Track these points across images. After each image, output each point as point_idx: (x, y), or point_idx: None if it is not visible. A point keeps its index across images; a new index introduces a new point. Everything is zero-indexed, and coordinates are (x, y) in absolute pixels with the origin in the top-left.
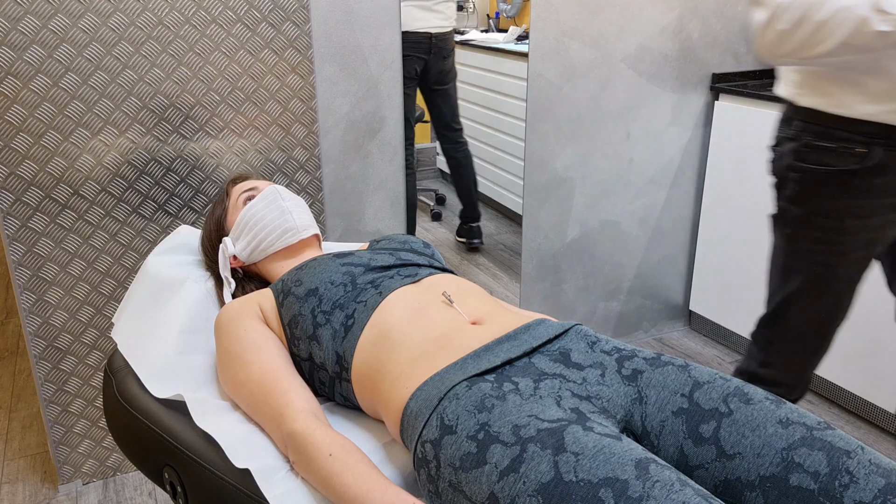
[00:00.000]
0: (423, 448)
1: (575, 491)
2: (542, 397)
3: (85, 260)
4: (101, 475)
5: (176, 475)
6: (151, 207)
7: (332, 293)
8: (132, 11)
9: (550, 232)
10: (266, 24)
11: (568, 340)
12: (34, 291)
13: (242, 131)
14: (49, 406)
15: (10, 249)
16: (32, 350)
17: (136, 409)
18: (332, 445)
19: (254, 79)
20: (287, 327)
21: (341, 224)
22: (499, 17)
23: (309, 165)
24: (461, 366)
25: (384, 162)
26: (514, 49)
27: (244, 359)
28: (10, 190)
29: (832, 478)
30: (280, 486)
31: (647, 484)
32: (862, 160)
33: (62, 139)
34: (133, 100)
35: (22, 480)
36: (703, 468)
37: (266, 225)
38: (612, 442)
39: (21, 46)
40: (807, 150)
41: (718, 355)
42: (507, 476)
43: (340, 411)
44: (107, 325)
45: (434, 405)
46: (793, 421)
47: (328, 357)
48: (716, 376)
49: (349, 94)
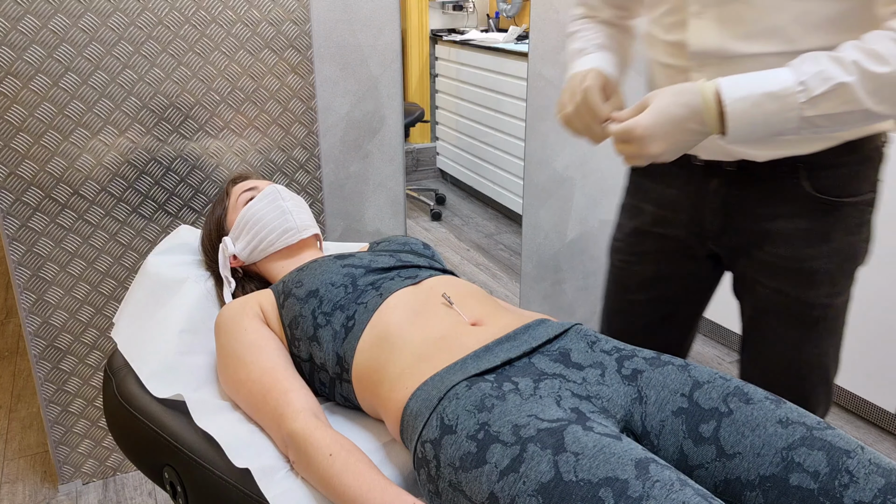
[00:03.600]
0: (423, 448)
1: (575, 491)
2: (541, 397)
3: (85, 260)
4: (101, 475)
5: (176, 475)
6: (151, 207)
7: (332, 294)
8: (132, 11)
9: (550, 232)
10: (266, 24)
11: (568, 340)
12: (34, 291)
13: (242, 131)
14: (49, 406)
15: (10, 249)
16: (32, 350)
17: (136, 409)
18: (333, 445)
19: (253, 79)
20: (287, 328)
21: (341, 224)
22: (499, 16)
23: (309, 165)
24: (461, 366)
25: (384, 162)
26: (514, 49)
27: (244, 358)
28: (10, 190)
29: (832, 477)
30: (280, 486)
31: (647, 484)
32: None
33: (62, 139)
34: (133, 100)
35: (22, 480)
36: (703, 468)
37: (266, 224)
38: (612, 442)
39: (21, 46)
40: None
41: (718, 355)
42: (507, 476)
43: (340, 411)
44: (107, 324)
45: (434, 405)
46: (793, 421)
47: (329, 358)
48: (716, 376)
49: (349, 94)
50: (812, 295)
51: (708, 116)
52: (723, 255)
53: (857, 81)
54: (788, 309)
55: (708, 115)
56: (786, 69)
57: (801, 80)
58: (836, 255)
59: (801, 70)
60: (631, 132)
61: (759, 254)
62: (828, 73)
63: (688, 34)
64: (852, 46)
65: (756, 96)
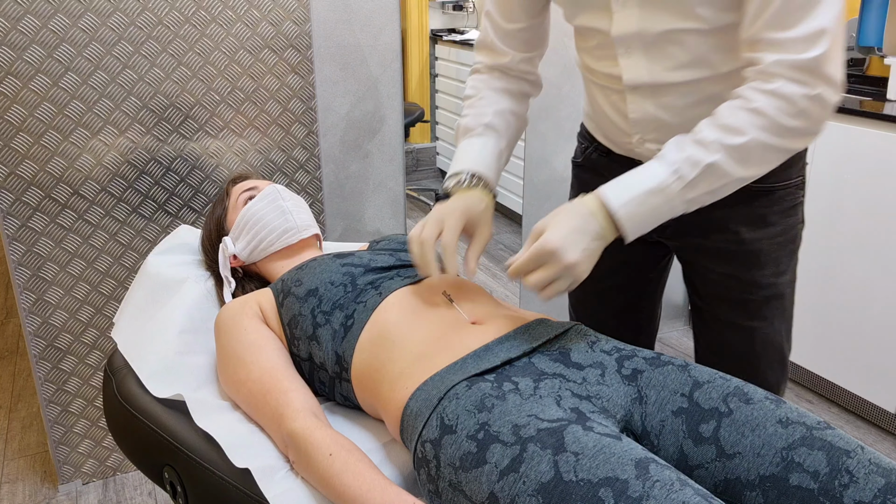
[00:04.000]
0: (423, 448)
1: (575, 490)
2: (542, 397)
3: (85, 260)
4: (101, 475)
5: (176, 475)
6: (151, 207)
7: (332, 293)
8: (132, 11)
9: None
10: (266, 24)
11: (568, 340)
12: (34, 291)
13: (242, 131)
14: (49, 406)
15: (10, 249)
16: (32, 350)
17: (135, 409)
18: (332, 445)
19: (253, 78)
20: (287, 327)
21: (341, 224)
22: None
23: (309, 165)
24: (461, 366)
25: (384, 162)
26: None
27: (244, 358)
28: (9, 190)
29: (832, 477)
30: (280, 486)
31: (646, 484)
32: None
33: (62, 139)
34: (133, 99)
35: (22, 480)
36: (703, 468)
37: (266, 224)
38: (612, 442)
39: (21, 46)
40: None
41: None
42: (507, 476)
43: (340, 411)
44: (107, 324)
45: (434, 405)
46: (792, 420)
47: (328, 357)
48: (715, 376)
49: (349, 94)
50: (758, 275)
51: (601, 225)
52: (671, 247)
53: (722, 158)
54: (738, 290)
55: (601, 224)
56: (656, 162)
57: (673, 169)
58: (777, 236)
59: (671, 160)
60: (543, 248)
61: (705, 242)
62: (695, 158)
63: (619, 68)
64: (709, 125)
65: (639, 197)
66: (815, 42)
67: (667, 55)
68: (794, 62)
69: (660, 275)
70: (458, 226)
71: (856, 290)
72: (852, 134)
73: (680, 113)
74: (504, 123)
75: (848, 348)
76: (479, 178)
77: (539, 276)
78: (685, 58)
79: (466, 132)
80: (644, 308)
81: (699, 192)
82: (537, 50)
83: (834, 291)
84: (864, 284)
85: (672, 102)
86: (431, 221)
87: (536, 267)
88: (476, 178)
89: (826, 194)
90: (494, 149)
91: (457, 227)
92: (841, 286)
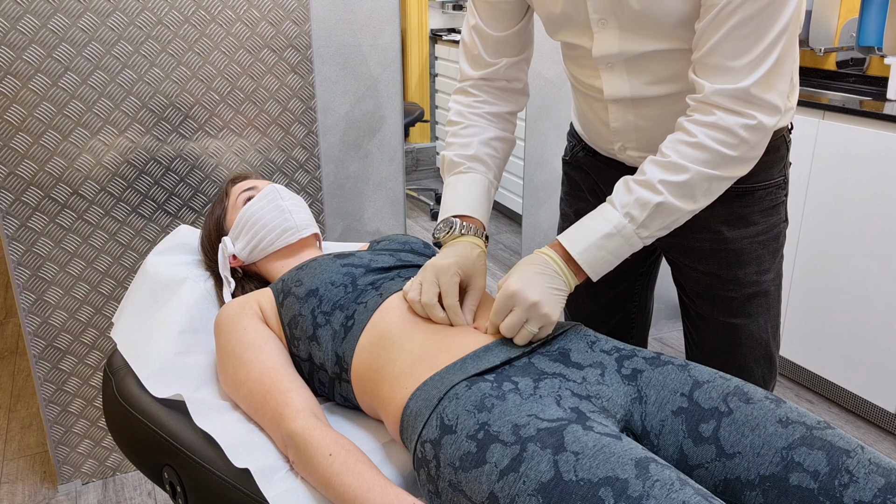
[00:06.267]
0: (423, 448)
1: (575, 490)
2: (541, 397)
3: (84, 259)
4: (101, 475)
5: (175, 475)
6: (151, 207)
7: (332, 294)
8: (131, 11)
9: (550, 232)
10: (266, 24)
11: (567, 340)
12: (33, 291)
13: (242, 131)
14: (48, 406)
15: (10, 249)
16: (32, 350)
17: (135, 409)
18: (332, 445)
19: (253, 78)
20: (287, 327)
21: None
22: None
23: (308, 165)
24: (461, 366)
25: (384, 162)
26: None
27: (244, 358)
28: (9, 190)
29: (832, 477)
30: (280, 486)
31: (646, 483)
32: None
33: (61, 139)
34: (132, 99)
35: (21, 480)
36: (703, 467)
37: (265, 224)
38: (612, 441)
39: (20, 46)
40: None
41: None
42: (507, 475)
43: (340, 411)
44: (106, 324)
45: (434, 405)
46: (792, 420)
47: (328, 358)
48: (715, 376)
49: (349, 94)
50: (741, 273)
51: (559, 269)
52: (657, 246)
53: (668, 196)
54: (721, 288)
55: (558, 267)
56: (608, 206)
57: (625, 212)
58: (758, 235)
59: (621, 203)
60: (505, 293)
61: (688, 241)
62: (643, 199)
63: (601, 82)
64: (653, 164)
65: (597, 241)
66: (754, 69)
67: (647, 70)
68: (732, 92)
69: (650, 269)
70: (455, 283)
71: (856, 289)
72: (852, 134)
73: (661, 123)
74: (490, 153)
75: (848, 348)
76: (469, 224)
77: (509, 320)
78: (665, 72)
79: (452, 168)
80: (635, 300)
81: (653, 229)
82: (524, 53)
83: (834, 291)
84: (864, 284)
85: (652, 114)
86: (428, 282)
87: (506, 315)
88: (466, 225)
89: (826, 194)
90: (482, 185)
91: (454, 286)
92: (841, 286)
